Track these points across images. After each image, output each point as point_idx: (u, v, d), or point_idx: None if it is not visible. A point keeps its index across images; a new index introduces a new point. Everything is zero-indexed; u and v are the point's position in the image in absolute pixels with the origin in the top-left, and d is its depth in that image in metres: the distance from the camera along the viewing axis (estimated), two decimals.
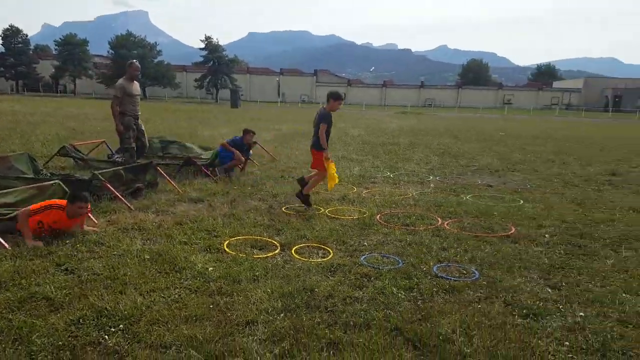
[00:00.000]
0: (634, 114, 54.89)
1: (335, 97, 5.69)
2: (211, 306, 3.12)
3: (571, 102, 70.30)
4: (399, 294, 3.43)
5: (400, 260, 4.12)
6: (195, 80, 61.46)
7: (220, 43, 63.22)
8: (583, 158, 11.95)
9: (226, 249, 4.25)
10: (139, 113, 7.68)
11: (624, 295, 3.52)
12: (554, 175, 9.15)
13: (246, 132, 8.17)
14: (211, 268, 3.77)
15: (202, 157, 8.32)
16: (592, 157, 12.12)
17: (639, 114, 54.89)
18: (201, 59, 63.31)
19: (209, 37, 61.91)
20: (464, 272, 3.93)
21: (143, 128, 7.86)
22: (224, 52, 62.38)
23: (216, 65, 60.92)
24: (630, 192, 7.66)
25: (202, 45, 61.89)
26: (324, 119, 5.59)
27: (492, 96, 74.06)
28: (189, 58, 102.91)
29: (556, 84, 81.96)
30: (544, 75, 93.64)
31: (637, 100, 64.33)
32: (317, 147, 5.71)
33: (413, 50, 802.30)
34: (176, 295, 3.28)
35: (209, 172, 7.53)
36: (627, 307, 3.30)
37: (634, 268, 4.08)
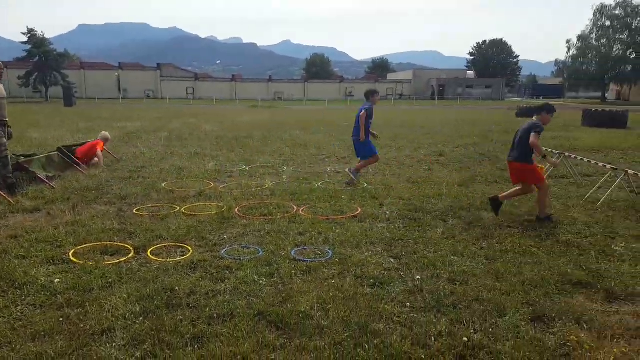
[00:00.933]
0: (455, 101, 64.07)
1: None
2: (61, 319, 2.90)
3: (404, 92, 78.61)
4: (261, 281, 3.56)
5: (260, 249, 4.25)
6: (19, 77, 53.10)
7: (47, 36, 55.58)
8: (415, 142, 13.55)
9: (72, 259, 3.90)
10: (7, 119, 6.42)
11: (452, 257, 4.15)
12: (392, 159, 10.20)
13: None
14: (57, 280, 3.47)
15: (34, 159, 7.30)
16: (423, 141, 13.81)
17: (459, 100, 64.14)
18: (24, 54, 54.94)
19: (31, 29, 53.91)
20: (319, 252, 4.22)
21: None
22: (51, 46, 54.97)
23: (43, 61, 53.44)
24: (454, 169, 8.92)
25: (25, 39, 53.68)
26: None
27: (336, 89, 78.85)
28: (8, 53, 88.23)
29: (390, 76, 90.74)
30: (379, 68, 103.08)
31: (457, 88, 74.85)
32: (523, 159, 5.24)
33: (259, 44, 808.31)
34: (19, 313, 2.99)
35: (44, 179, 6.69)
36: (456, 267, 3.90)
37: (459, 234, 4.83)
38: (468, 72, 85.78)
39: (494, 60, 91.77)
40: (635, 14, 57.48)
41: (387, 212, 5.61)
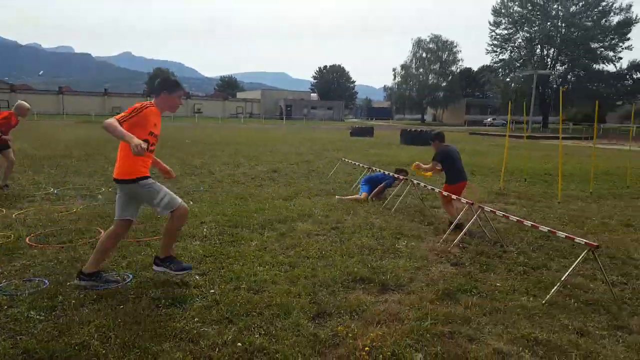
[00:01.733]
0: (301, 120, 67.25)
1: None
2: None
3: (253, 110, 79.94)
4: (37, 316, 3.20)
5: (46, 281, 3.83)
6: None
7: None
8: (254, 159, 13.80)
9: None
10: None
11: (258, 268, 4.29)
12: (227, 176, 10.22)
13: None
14: None
15: None
16: (261, 158, 14.13)
17: (304, 120, 67.46)
18: None
19: None
20: (119, 277, 3.98)
21: None
22: None
23: None
24: (282, 184, 9.29)
25: None
26: None
27: (183, 105, 76.66)
28: None
29: (240, 95, 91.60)
30: (228, 86, 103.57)
31: (303, 109, 78.66)
32: None
33: (94, 55, 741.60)
34: None
35: None
36: (259, 277, 4.04)
37: (270, 245, 5.02)
38: (312, 94, 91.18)
39: (334, 84, 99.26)
40: (445, 48, 67.94)
41: (205, 230, 5.57)
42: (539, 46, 53.37)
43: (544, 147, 24.31)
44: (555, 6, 51.06)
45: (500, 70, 56.27)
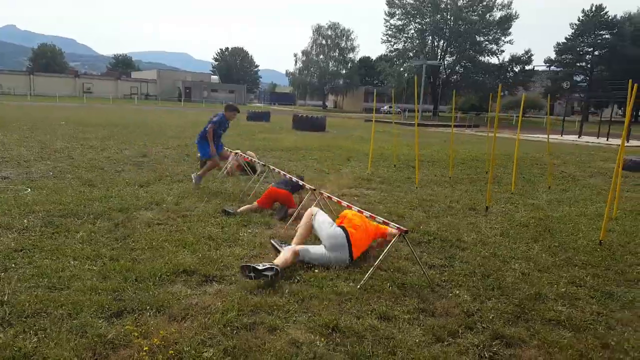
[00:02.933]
0: (201, 103, 64.53)
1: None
2: None
3: (149, 92, 75.13)
4: None
5: None
6: None
7: None
8: (126, 142, 12.80)
9: None
10: None
11: (71, 262, 3.85)
12: (87, 161, 9.32)
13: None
14: None
15: None
16: (135, 141, 13.15)
17: (204, 103, 64.89)
18: None
19: None
20: None
21: None
22: None
23: None
24: (146, 170, 8.66)
25: None
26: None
27: (70, 84, 69.60)
28: None
29: (135, 75, 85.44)
30: (123, 65, 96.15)
31: (203, 92, 75.59)
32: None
33: None
34: None
35: None
36: (66, 272, 3.62)
37: (100, 235, 4.56)
38: (212, 76, 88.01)
39: (236, 67, 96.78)
40: (342, 35, 69.35)
41: (28, 221, 4.93)
42: (430, 37, 56.72)
43: (430, 134, 25.85)
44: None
45: (395, 59, 58.94)
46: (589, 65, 58.38)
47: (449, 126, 37.65)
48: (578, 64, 58.99)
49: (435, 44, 57.76)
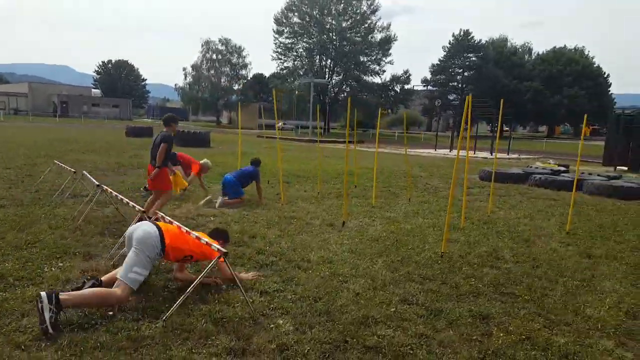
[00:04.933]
0: (80, 119, 58.85)
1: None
2: None
3: (19, 106, 66.93)
4: None
5: None
6: None
7: None
8: None
9: None
10: None
11: None
12: None
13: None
14: None
15: None
16: None
17: (83, 118, 59.35)
18: None
19: None
20: None
21: None
22: None
23: None
24: None
25: None
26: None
27: None
28: None
29: (1, 88, 75.72)
30: None
31: (83, 106, 69.19)
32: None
33: None
34: None
35: None
36: None
37: None
38: (94, 90, 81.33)
39: (121, 81, 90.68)
40: (234, 51, 68.61)
41: None
42: (318, 56, 58.36)
43: (318, 150, 26.14)
44: (329, 20, 56.56)
45: (286, 77, 59.60)
46: (460, 85, 64.52)
47: (338, 142, 38.88)
48: (451, 84, 64.88)
49: (323, 62, 59.58)
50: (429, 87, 64.93)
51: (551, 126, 73.43)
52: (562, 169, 18.26)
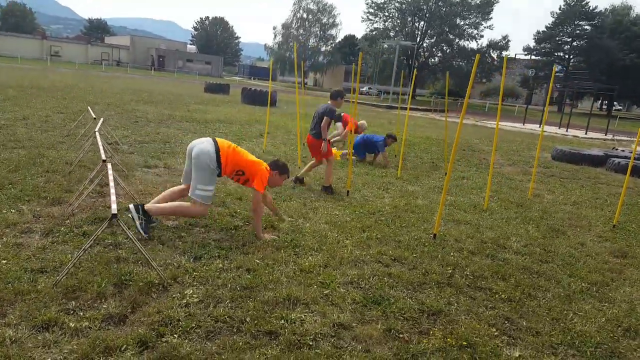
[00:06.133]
0: (173, 73, 62.60)
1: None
2: None
3: (121, 58, 72.50)
4: None
5: None
6: None
7: None
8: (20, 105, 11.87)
9: None
10: None
11: None
12: None
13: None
14: None
15: None
16: (32, 104, 12.21)
17: (177, 73, 63.01)
18: None
19: None
20: None
21: None
22: None
23: None
24: None
25: None
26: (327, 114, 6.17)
27: (37, 46, 66.51)
28: None
29: (107, 40, 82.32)
30: (97, 29, 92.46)
31: (178, 61, 73.35)
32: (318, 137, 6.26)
33: None
34: None
35: None
36: None
37: None
38: (189, 46, 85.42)
39: (216, 38, 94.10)
40: (324, 11, 67.58)
41: None
42: (410, 17, 55.44)
43: (397, 117, 25.23)
44: None
45: (376, 39, 57.57)
46: (567, 56, 57.97)
47: (421, 110, 37.07)
48: (556, 54, 58.49)
49: (416, 24, 56.51)
50: (532, 56, 59.02)
51: None
52: None
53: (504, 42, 54.50)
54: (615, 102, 60.96)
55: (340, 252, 4.06)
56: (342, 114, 9.98)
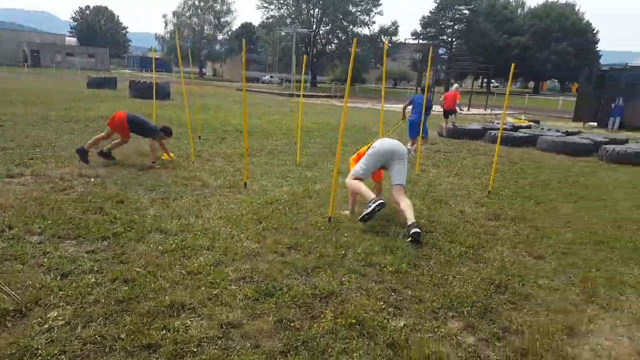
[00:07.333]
0: (52, 69, 56.65)
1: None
2: None
3: None
4: None
5: None
6: None
7: None
8: None
9: None
10: None
11: None
12: None
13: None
14: None
15: None
16: None
17: (56, 68, 57.18)
18: None
19: None
20: None
21: None
22: None
23: None
24: None
25: None
26: None
27: None
28: None
29: None
30: None
31: (56, 55, 66.49)
32: None
33: None
34: None
35: None
36: None
37: None
38: (68, 38, 78.00)
39: (100, 29, 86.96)
40: None
41: None
42: (305, 4, 55.75)
43: (293, 104, 25.24)
44: None
45: (273, 26, 57.10)
46: (450, 39, 62.43)
47: (320, 97, 37.65)
48: (440, 37, 62.71)
49: (311, 12, 56.99)
50: (420, 41, 62.65)
51: (538, 82, 71.94)
52: (532, 124, 17.67)
53: (393, 27, 57.17)
54: (492, 80, 67.10)
55: (234, 248, 3.96)
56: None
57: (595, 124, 19.71)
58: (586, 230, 4.93)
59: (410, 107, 9.42)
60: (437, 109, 14.55)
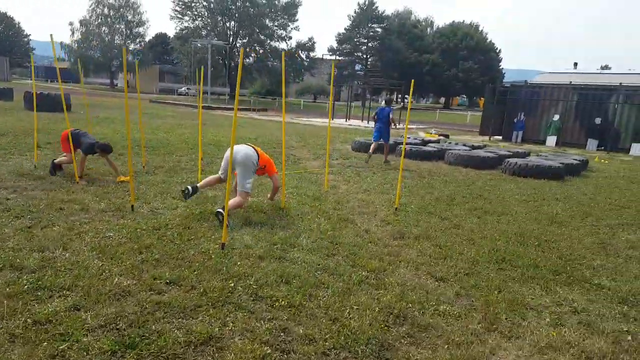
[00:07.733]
0: None
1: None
2: None
3: None
4: None
5: None
6: None
7: None
8: None
9: None
10: None
11: None
12: None
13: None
14: None
15: None
16: None
17: None
18: None
19: None
20: None
21: None
22: None
23: None
24: None
25: None
26: None
27: None
28: None
29: None
30: None
31: None
32: None
33: None
34: None
35: None
36: None
37: None
38: None
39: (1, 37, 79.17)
40: (128, 7, 62.32)
41: None
42: (220, 17, 54.78)
43: (211, 118, 24.24)
44: None
45: (187, 38, 55.33)
46: (365, 55, 64.65)
47: (241, 110, 36.81)
48: (356, 54, 64.75)
49: (226, 24, 56.06)
50: (336, 57, 64.15)
51: (448, 98, 76.78)
52: (442, 138, 18.41)
53: (310, 43, 57.97)
54: (407, 96, 70.36)
55: (101, 286, 3.37)
56: None
57: (501, 137, 21.10)
58: (489, 248, 4.92)
59: (376, 117, 11.38)
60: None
